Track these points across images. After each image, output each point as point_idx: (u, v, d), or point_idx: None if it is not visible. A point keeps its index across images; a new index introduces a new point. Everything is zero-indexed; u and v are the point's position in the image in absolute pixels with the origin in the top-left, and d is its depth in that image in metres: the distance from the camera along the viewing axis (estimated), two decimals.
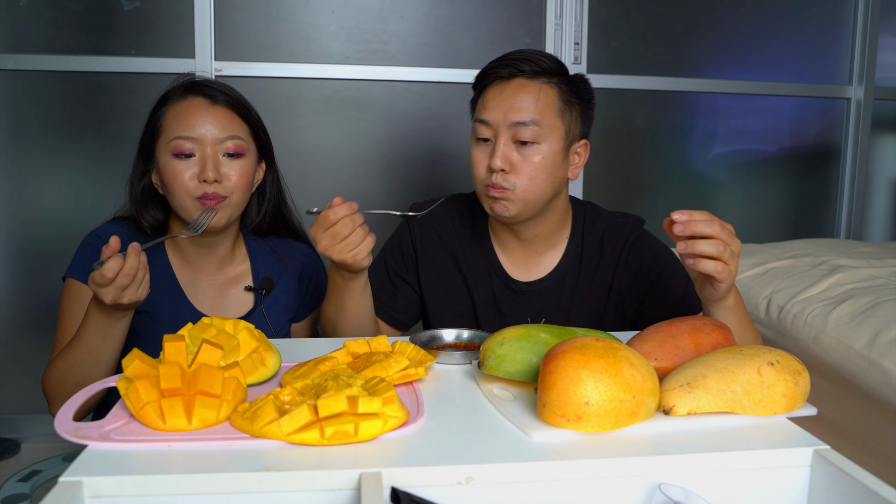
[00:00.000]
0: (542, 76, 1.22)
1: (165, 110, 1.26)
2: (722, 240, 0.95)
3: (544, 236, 1.31)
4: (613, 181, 2.55)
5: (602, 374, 0.70)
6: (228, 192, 1.24)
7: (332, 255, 1.09)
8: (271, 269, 1.37)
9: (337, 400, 0.70)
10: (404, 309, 1.36)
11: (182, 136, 1.22)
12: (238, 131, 1.26)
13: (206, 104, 1.25)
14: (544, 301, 1.32)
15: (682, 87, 2.52)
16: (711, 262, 0.96)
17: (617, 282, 1.31)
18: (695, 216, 0.95)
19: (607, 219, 1.35)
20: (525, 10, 2.36)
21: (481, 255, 1.34)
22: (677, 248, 0.96)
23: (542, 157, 1.20)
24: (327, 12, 2.25)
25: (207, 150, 1.22)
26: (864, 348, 1.32)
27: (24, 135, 2.18)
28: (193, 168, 1.22)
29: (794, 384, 0.77)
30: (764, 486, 0.70)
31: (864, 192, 2.72)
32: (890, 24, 2.67)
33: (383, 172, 2.36)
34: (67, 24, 2.15)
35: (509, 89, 1.21)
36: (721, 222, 0.96)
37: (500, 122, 1.20)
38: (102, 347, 1.11)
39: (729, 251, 0.96)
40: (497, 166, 1.19)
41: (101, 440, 0.69)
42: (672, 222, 0.95)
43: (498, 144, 1.20)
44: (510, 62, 1.22)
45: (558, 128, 1.22)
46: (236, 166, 1.25)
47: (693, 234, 0.95)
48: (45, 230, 2.21)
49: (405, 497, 0.62)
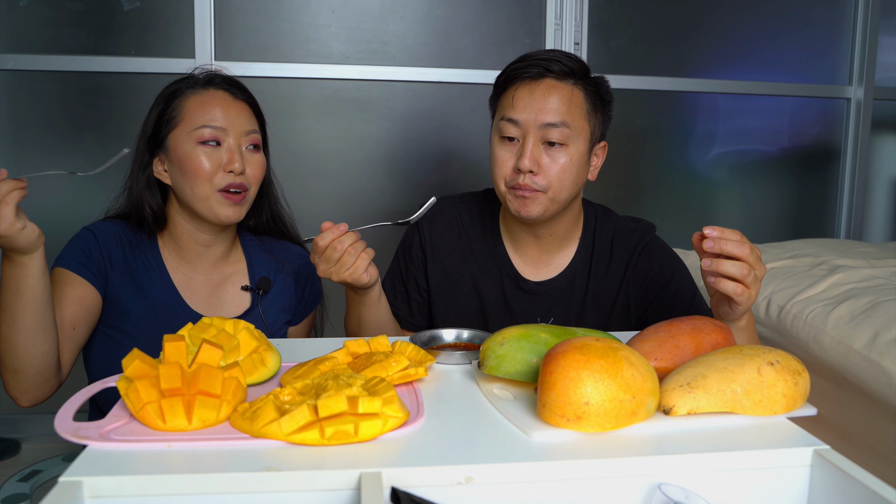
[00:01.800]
0: (570, 77, 1.22)
1: (182, 99, 1.25)
2: (749, 263, 0.94)
3: (559, 235, 1.31)
4: (613, 181, 2.55)
5: (602, 374, 0.70)
6: (249, 184, 1.26)
7: (332, 278, 1.12)
8: (267, 269, 1.37)
9: (337, 400, 0.70)
10: (419, 313, 1.38)
11: (210, 125, 1.22)
12: (256, 126, 1.29)
13: (229, 97, 1.27)
14: (554, 301, 1.32)
15: (682, 87, 2.52)
16: (732, 283, 0.95)
17: (625, 285, 1.31)
18: (727, 234, 0.94)
19: (618, 222, 1.35)
20: (525, 10, 2.36)
21: (492, 255, 1.34)
22: (702, 264, 0.95)
23: (570, 159, 1.20)
24: (327, 12, 2.25)
25: (232, 142, 1.24)
26: (864, 348, 1.32)
27: (24, 135, 2.18)
28: (219, 157, 1.23)
29: (794, 384, 0.77)
30: (764, 486, 0.70)
31: (864, 192, 2.72)
32: (890, 24, 2.67)
33: (383, 172, 2.36)
34: (67, 24, 2.15)
35: (540, 89, 1.20)
36: (751, 245, 0.94)
37: (529, 123, 1.19)
38: (13, 303, 1.06)
39: (753, 275, 0.94)
40: (526, 167, 1.19)
41: (101, 440, 0.69)
42: (702, 237, 0.94)
43: (526, 145, 1.19)
44: (538, 62, 1.21)
45: (585, 130, 1.22)
46: (256, 160, 1.27)
47: (721, 251, 0.93)
48: (44, 230, 2.19)
49: (405, 497, 0.62)
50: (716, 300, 1.04)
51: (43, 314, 1.08)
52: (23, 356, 1.08)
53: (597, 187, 2.49)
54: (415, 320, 1.38)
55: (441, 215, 1.36)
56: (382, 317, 1.24)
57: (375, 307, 1.22)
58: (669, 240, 1.43)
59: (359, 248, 1.12)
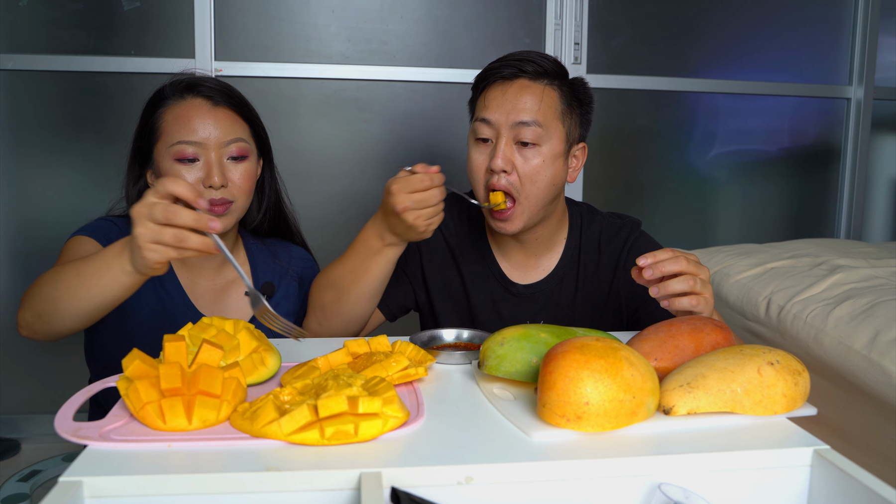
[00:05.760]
0: (544, 78, 1.21)
1: (163, 111, 1.22)
2: (690, 273, 0.96)
3: (543, 239, 1.31)
4: (613, 181, 2.55)
5: (602, 374, 0.70)
6: (234, 196, 1.22)
7: (409, 218, 1.07)
8: (271, 274, 1.36)
9: (337, 400, 0.70)
10: (399, 300, 1.35)
11: (184, 141, 1.18)
12: (240, 133, 1.24)
13: (208, 106, 1.21)
14: (543, 303, 1.32)
15: (682, 87, 2.52)
16: (685, 298, 0.97)
17: (615, 284, 1.31)
18: (658, 256, 0.96)
19: (604, 220, 1.35)
20: (525, 10, 2.36)
21: (479, 258, 1.34)
22: (651, 293, 0.97)
23: (543, 160, 1.20)
24: (327, 12, 2.25)
25: (212, 155, 1.19)
26: (864, 348, 1.31)
27: (24, 135, 2.18)
28: (197, 173, 1.19)
29: (794, 384, 0.77)
30: (764, 486, 0.70)
31: (864, 192, 2.72)
32: (890, 24, 2.67)
33: (383, 172, 2.36)
34: (67, 24, 2.15)
35: (512, 89, 1.20)
36: (685, 255, 0.97)
37: (501, 122, 1.19)
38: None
39: (699, 282, 0.97)
40: (498, 167, 1.18)
41: (101, 440, 0.69)
42: (640, 270, 0.96)
43: (499, 145, 1.19)
44: (512, 62, 1.21)
45: (559, 130, 1.22)
46: (241, 170, 1.23)
47: (662, 273, 0.95)
48: (44, 230, 2.21)
49: (405, 497, 0.62)
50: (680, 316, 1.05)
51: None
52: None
53: (597, 187, 2.50)
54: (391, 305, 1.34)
55: None
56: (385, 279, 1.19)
57: (390, 265, 1.17)
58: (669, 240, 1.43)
59: (443, 205, 1.10)
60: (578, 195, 2.44)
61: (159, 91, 1.25)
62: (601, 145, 2.46)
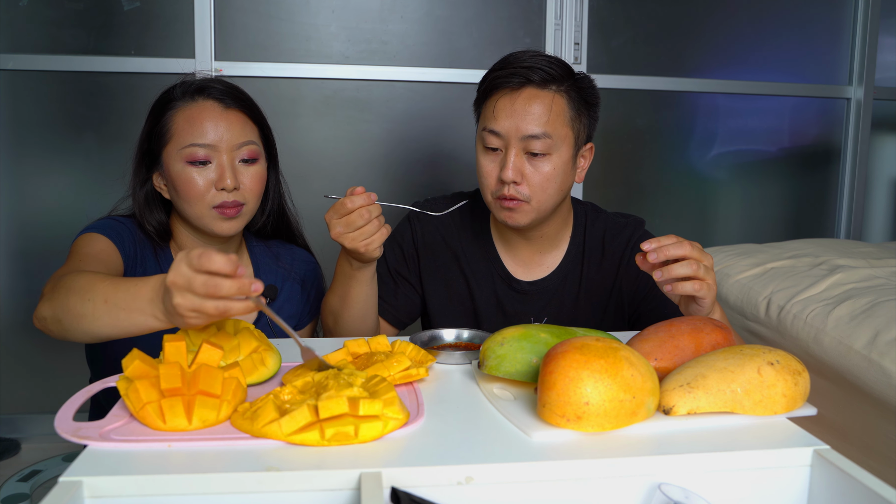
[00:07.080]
0: (551, 84, 1.20)
1: (173, 113, 1.21)
2: (693, 258, 0.96)
3: (549, 236, 1.32)
4: (613, 181, 2.55)
5: (602, 374, 0.70)
6: (245, 199, 1.22)
7: (345, 243, 1.09)
8: (273, 276, 1.36)
9: (338, 401, 0.70)
10: (405, 307, 1.36)
11: (197, 143, 1.18)
12: (251, 135, 1.24)
13: (219, 108, 1.21)
14: (547, 300, 1.32)
15: (682, 87, 2.51)
16: (688, 282, 0.97)
17: (618, 282, 1.32)
18: (663, 241, 0.97)
19: (608, 219, 1.36)
20: (525, 10, 2.36)
21: (483, 255, 1.34)
22: (654, 277, 0.98)
23: (553, 168, 1.20)
24: (327, 12, 2.25)
25: (224, 158, 1.19)
26: (864, 348, 1.31)
27: (24, 135, 2.18)
28: (210, 176, 1.19)
29: (794, 384, 0.77)
30: (764, 486, 0.70)
31: (864, 192, 2.72)
32: (890, 24, 2.67)
33: (383, 172, 2.36)
34: (67, 24, 2.14)
35: (520, 100, 1.19)
36: (690, 242, 0.98)
37: (510, 134, 1.19)
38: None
39: (702, 267, 0.97)
40: (509, 178, 1.18)
41: (101, 440, 0.69)
42: (644, 256, 0.97)
43: (509, 157, 1.19)
44: (519, 70, 1.20)
45: (569, 137, 1.22)
46: (251, 172, 1.23)
47: (666, 258, 0.96)
48: (45, 230, 2.21)
49: (405, 497, 0.62)
50: (683, 304, 1.06)
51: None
52: None
53: (597, 187, 2.50)
54: (399, 314, 1.35)
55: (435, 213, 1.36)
56: (369, 297, 1.21)
57: (366, 285, 1.19)
58: None
59: (382, 222, 1.10)
60: (578, 195, 2.44)
61: (167, 92, 1.24)
62: (601, 145, 2.44)
